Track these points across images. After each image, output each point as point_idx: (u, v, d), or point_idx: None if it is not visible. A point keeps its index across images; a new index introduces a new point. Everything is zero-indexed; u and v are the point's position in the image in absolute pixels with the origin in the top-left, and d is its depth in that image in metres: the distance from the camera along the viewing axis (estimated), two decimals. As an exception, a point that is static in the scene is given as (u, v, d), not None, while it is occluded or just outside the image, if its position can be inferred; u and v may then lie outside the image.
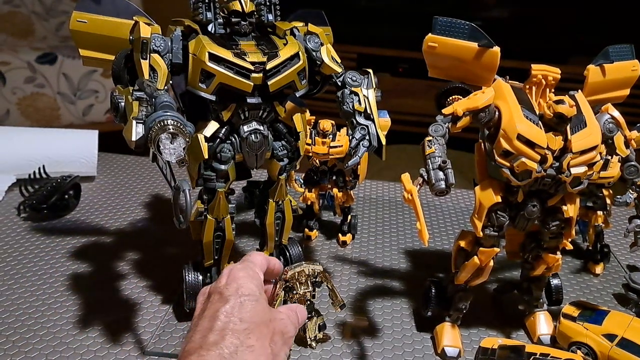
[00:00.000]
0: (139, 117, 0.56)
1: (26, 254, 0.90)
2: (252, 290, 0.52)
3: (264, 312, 0.52)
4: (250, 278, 0.54)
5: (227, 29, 0.68)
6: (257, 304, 0.51)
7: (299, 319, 0.58)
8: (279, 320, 0.53)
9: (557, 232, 0.69)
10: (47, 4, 2.50)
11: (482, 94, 0.65)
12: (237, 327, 0.48)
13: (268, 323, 0.51)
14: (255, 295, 0.52)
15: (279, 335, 0.52)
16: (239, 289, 0.52)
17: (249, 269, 0.55)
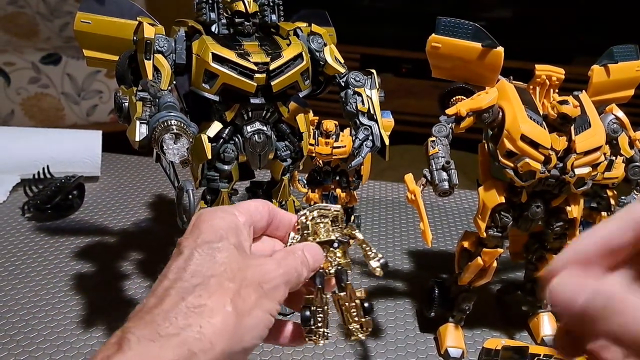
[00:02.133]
0: (143, 118, 0.56)
1: (30, 254, 0.90)
2: (216, 235, 0.39)
3: (231, 261, 0.37)
4: (218, 220, 0.40)
5: (230, 30, 0.68)
6: (221, 251, 0.38)
7: (306, 261, 0.42)
8: (255, 267, 0.38)
9: (561, 232, 0.69)
10: (51, 5, 2.50)
11: (486, 95, 0.65)
12: (184, 284, 0.36)
13: (235, 273, 0.37)
14: (218, 240, 0.38)
15: (253, 287, 0.37)
16: (199, 236, 0.39)
17: (221, 211, 0.41)
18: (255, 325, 0.36)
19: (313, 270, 0.43)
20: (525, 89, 0.67)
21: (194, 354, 0.33)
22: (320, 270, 0.43)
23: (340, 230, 0.45)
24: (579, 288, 0.29)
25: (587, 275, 0.29)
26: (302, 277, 0.41)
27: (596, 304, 0.28)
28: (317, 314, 0.42)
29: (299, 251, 0.42)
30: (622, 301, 0.27)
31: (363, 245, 0.46)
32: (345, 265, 0.45)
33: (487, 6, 2.88)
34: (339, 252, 0.45)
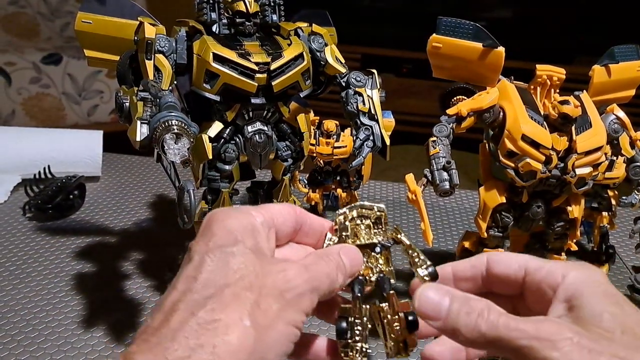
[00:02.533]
0: (144, 118, 0.56)
1: (31, 254, 0.90)
2: (230, 237, 0.34)
3: (248, 267, 0.32)
4: (232, 220, 0.35)
5: (231, 30, 0.68)
6: (236, 256, 0.33)
7: (342, 265, 0.37)
8: (276, 274, 0.33)
9: (562, 233, 0.69)
10: (52, 5, 2.51)
11: (487, 95, 0.65)
12: (195, 296, 0.31)
13: (253, 281, 0.32)
14: (232, 244, 0.33)
15: (274, 296, 0.32)
16: (211, 239, 0.34)
17: (236, 211, 0.36)
18: (278, 340, 0.32)
19: (351, 276, 0.38)
20: (526, 89, 0.67)
21: None
22: (359, 277, 0.38)
23: (384, 233, 0.40)
24: (442, 292, 0.34)
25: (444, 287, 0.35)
26: (337, 284, 0.36)
27: (454, 304, 0.33)
28: (355, 327, 0.37)
29: (334, 254, 0.37)
30: (477, 300, 0.33)
31: (409, 251, 0.39)
32: (388, 272, 0.39)
33: (487, 6, 2.89)
34: (381, 258, 0.40)
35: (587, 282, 0.33)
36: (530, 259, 0.37)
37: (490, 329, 0.31)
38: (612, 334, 0.30)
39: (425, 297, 0.34)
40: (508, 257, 0.37)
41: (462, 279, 0.38)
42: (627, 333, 0.30)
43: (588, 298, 0.32)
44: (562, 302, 0.33)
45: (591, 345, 0.29)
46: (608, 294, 0.32)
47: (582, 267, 0.34)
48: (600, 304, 0.31)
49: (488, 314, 0.32)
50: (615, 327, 0.30)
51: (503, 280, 0.37)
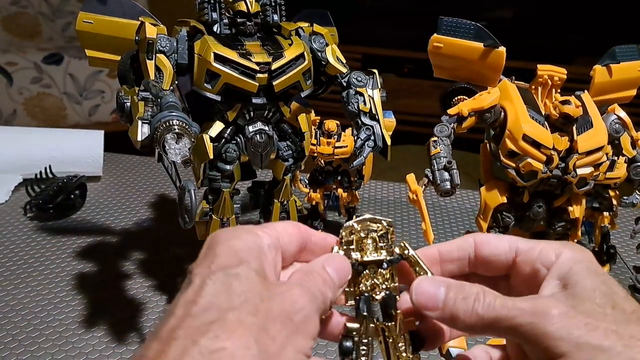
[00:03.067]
0: (145, 117, 0.56)
1: (32, 254, 0.90)
2: (234, 258, 0.32)
3: (252, 290, 0.30)
4: (236, 240, 0.33)
5: (232, 30, 0.68)
6: (240, 279, 0.31)
7: (329, 279, 0.35)
8: (281, 296, 0.31)
9: (563, 233, 0.69)
10: (53, 5, 2.51)
11: (488, 94, 0.64)
12: (195, 322, 0.29)
13: (258, 305, 0.30)
14: (236, 265, 0.31)
15: (281, 321, 0.30)
16: (214, 261, 0.32)
17: (241, 230, 0.34)
18: None
19: (340, 287, 0.36)
20: (527, 89, 0.67)
21: None
22: (365, 294, 0.37)
23: (390, 248, 0.38)
24: (437, 282, 0.35)
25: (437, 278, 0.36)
26: (328, 300, 0.34)
27: (450, 292, 0.34)
28: (361, 346, 0.36)
29: (319, 269, 0.35)
30: (470, 286, 0.34)
31: (416, 268, 0.38)
32: (393, 289, 0.38)
33: (489, 6, 2.88)
34: (387, 274, 0.38)
35: (579, 261, 0.34)
36: (519, 239, 0.37)
37: (488, 311, 0.32)
38: (604, 309, 0.31)
39: (421, 288, 0.35)
40: (496, 237, 0.38)
41: (448, 261, 0.38)
42: (617, 308, 0.31)
43: (581, 276, 0.33)
44: (555, 279, 0.34)
45: (586, 319, 0.30)
46: (598, 273, 0.34)
47: (573, 247, 0.35)
48: (592, 281, 0.33)
49: (484, 298, 0.32)
50: (606, 303, 0.31)
51: (491, 261, 0.37)
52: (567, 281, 0.33)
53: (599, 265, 0.34)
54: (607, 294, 0.32)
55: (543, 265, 0.35)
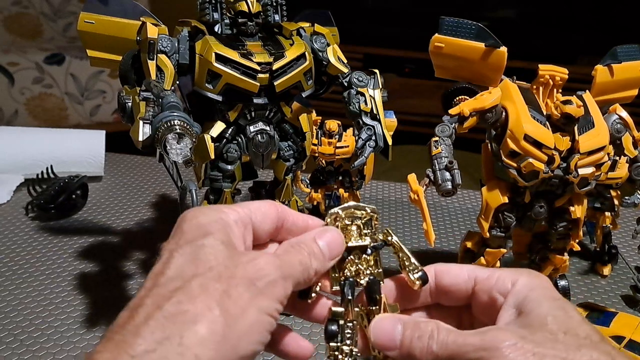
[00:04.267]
0: (146, 118, 0.56)
1: (34, 254, 0.90)
2: (200, 232, 0.33)
3: (218, 259, 0.32)
4: (202, 217, 0.34)
5: (233, 30, 0.68)
6: (205, 248, 0.32)
7: (317, 251, 0.36)
8: (246, 264, 0.32)
9: (565, 233, 0.69)
10: (55, 5, 2.51)
11: (489, 94, 0.64)
12: (161, 290, 0.30)
13: (222, 272, 0.31)
14: (202, 237, 0.33)
15: (244, 285, 0.31)
16: (181, 237, 0.34)
17: (207, 209, 0.36)
18: (250, 328, 0.30)
19: (331, 259, 0.37)
20: (528, 89, 0.67)
21: None
22: (350, 279, 0.38)
23: (374, 235, 0.39)
24: (394, 320, 0.35)
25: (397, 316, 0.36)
26: (311, 270, 0.35)
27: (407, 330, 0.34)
28: (346, 330, 0.37)
29: (308, 241, 0.36)
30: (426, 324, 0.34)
31: (400, 254, 0.39)
32: (378, 275, 0.39)
33: (490, 6, 2.88)
34: (371, 260, 0.39)
35: (534, 288, 0.34)
36: (478, 268, 0.38)
37: (442, 349, 0.32)
38: (555, 336, 0.31)
39: (379, 328, 0.35)
40: (456, 267, 0.38)
41: (409, 290, 0.39)
42: (569, 333, 0.31)
43: (535, 303, 0.33)
44: (512, 307, 0.34)
45: (535, 348, 0.30)
46: (554, 299, 0.34)
47: (530, 274, 0.36)
48: (546, 308, 0.33)
49: (438, 334, 0.33)
50: (559, 329, 0.32)
51: (451, 291, 0.38)
52: (522, 309, 0.33)
53: (555, 290, 0.35)
54: (561, 320, 0.32)
55: (500, 294, 0.35)
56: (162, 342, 0.28)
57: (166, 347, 0.28)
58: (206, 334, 0.29)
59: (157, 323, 0.29)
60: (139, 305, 0.30)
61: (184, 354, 0.28)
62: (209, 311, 0.29)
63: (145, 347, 0.28)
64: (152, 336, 0.28)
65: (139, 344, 0.28)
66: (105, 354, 0.28)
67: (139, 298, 0.31)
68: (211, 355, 0.28)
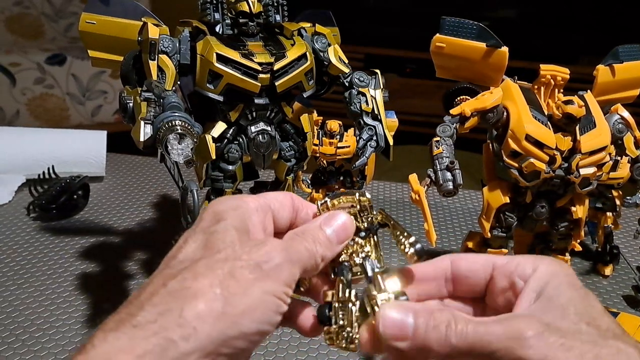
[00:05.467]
0: (147, 118, 0.56)
1: (35, 254, 0.90)
2: (215, 218, 0.34)
3: (227, 243, 0.33)
4: (220, 205, 0.35)
5: (234, 30, 0.68)
6: (217, 234, 0.33)
7: (323, 237, 0.36)
8: (254, 247, 0.33)
9: (566, 233, 0.69)
10: (56, 6, 2.52)
11: (490, 94, 0.64)
12: (170, 270, 0.32)
13: (229, 255, 0.33)
14: (216, 223, 0.34)
15: (249, 268, 0.32)
16: (198, 225, 0.35)
17: (227, 197, 0.37)
18: (253, 306, 0.31)
19: (339, 244, 0.37)
20: (529, 89, 0.67)
21: (173, 342, 0.28)
22: (345, 263, 0.38)
23: (370, 219, 0.39)
24: (404, 309, 0.33)
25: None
26: (318, 257, 0.35)
27: (419, 320, 0.32)
28: (339, 311, 0.36)
29: (313, 228, 0.36)
30: (440, 312, 0.32)
31: (394, 231, 0.38)
32: (376, 257, 0.38)
33: (491, 6, 2.88)
34: (367, 244, 0.38)
35: (557, 274, 0.33)
36: (495, 256, 0.37)
37: (462, 340, 0.31)
38: (579, 326, 0.30)
39: (388, 318, 0.32)
40: (473, 255, 0.38)
41: (424, 280, 0.37)
42: (592, 324, 0.31)
43: (557, 290, 0.32)
44: (533, 292, 0.33)
45: (561, 339, 0.29)
46: (575, 287, 0.33)
47: (552, 260, 0.35)
48: (568, 295, 0.32)
49: (455, 325, 0.31)
50: (581, 319, 0.31)
51: (468, 277, 0.37)
52: (544, 295, 0.33)
53: (577, 279, 0.34)
54: (583, 309, 0.31)
55: (520, 278, 0.34)
56: (164, 313, 0.29)
57: (166, 318, 0.29)
58: (205, 309, 0.29)
59: (161, 297, 0.30)
60: (148, 283, 0.32)
61: (183, 325, 0.29)
62: (210, 288, 0.30)
63: (147, 318, 0.29)
64: (155, 309, 0.30)
65: (142, 315, 0.30)
66: (110, 324, 0.30)
67: (150, 279, 0.32)
68: (209, 328, 0.29)
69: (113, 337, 0.29)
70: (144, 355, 0.28)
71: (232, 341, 0.30)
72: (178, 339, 0.28)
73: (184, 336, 0.29)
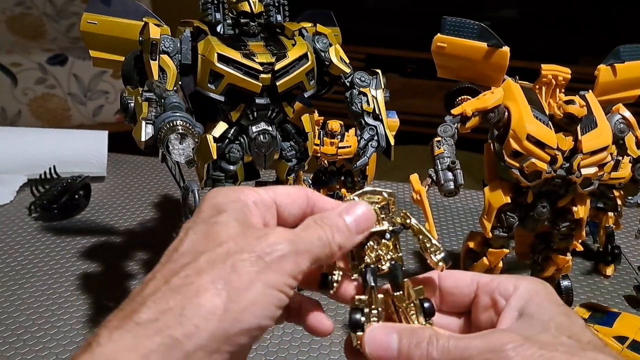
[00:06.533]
0: (149, 118, 0.56)
1: (37, 254, 0.91)
2: (215, 210, 0.34)
3: (229, 235, 0.32)
4: (220, 196, 0.35)
5: (235, 30, 0.68)
6: (218, 225, 0.32)
7: (342, 225, 0.35)
8: (256, 239, 0.32)
9: (567, 233, 0.69)
10: (57, 6, 2.52)
11: (492, 94, 0.64)
12: (172, 266, 0.32)
13: (232, 247, 0.32)
14: (216, 215, 0.33)
15: (251, 260, 0.31)
16: (199, 216, 0.34)
17: (227, 189, 0.36)
18: (255, 301, 0.30)
19: (359, 234, 0.36)
20: (531, 89, 0.67)
21: (177, 341, 0.28)
22: (371, 266, 0.37)
23: (392, 219, 0.38)
24: (387, 329, 0.34)
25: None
26: (334, 246, 0.34)
27: (404, 339, 0.33)
28: (371, 317, 0.35)
29: (333, 216, 0.35)
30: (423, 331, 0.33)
31: (420, 236, 0.38)
32: (398, 259, 0.38)
33: (492, 5, 2.88)
34: (391, 245, 0.38)
35: (538, 293, 0.34)
36: (480, 274, 0.38)
37: (443, 354, 0.31)
38: (559, 339, 0.31)
39: (373, 340, 0.34)
40: (460, 272, 0.38)
41: None
42: (573, 338, 0.31)
43: (538, 307, 0.33)
44: (514, 310, 0.34)
45: (541, 350, 0.30)
46: (557, 304, 0.33)
47: (533, 280, 0.36)
48: (549, 312, 0.33)
49: (437, 341, 0.32)
50: (562, 333, 0.31)
51: (454, 294, 0.38)
52: (525, 312, 0.33)
53: (557, 297, 0.34)
54: (564, 324, 0.32)
55: (502, 296, 0.35)
56: (165, 312, 0.29)
57: (168, 316, 0.29)
58: (207, 307, 0.29)
59: (163, 295, 0.30)
60: (151, 279, 0.32)
61: (184, 323, 0.29)
62: (212, 285, 0.30)
63: (150, 315, 0.29)
64: (157, 306, 0.29)
65: (144, 312, 0.29)
66: (114, 322, 0.30)
67: (152, 273, 0.32)
68: (211, 326, 0.29)
69: (118, 335, 0.29)
70: (149, 354, 0.28)
71: (234, 338, 0.30)
72: (181, 338, 0.28)
73: (187, 334, 0.28)
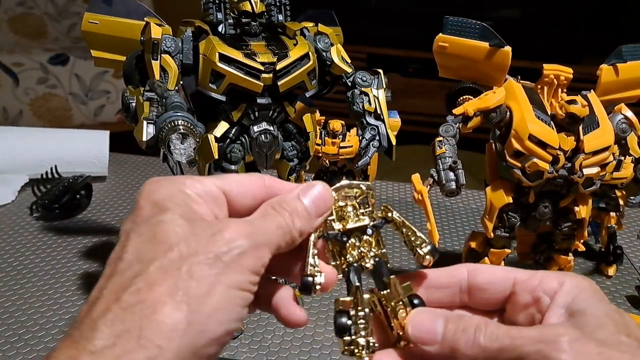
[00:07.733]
0: (150, 118, 0.56)
1: (38, 253, 0.91)
2: (156, 207, 0.30)
3: (178, 235, 0.29)
4: (158, 190, 0.31)
5: (237, 30, 0.68)
6: (164, 225, 0.29)
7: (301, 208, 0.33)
8: (210, 237, 0.29)
9: (569, 233, 0.69)
10: (59, 6, 2.52)
11: (493, 94, 0.64)
12: (120, 278, 0.28)
13: (183, 250, 0.29)
14: (159, 213, 0.30)
15: (209, 263, 0.28)
16: (138, 214, 0.31)
17: (165, 180, 0.32)
18: (219, 307, 0.28)
19: (318, 217, 0.34)
20: (533, 89, 0.67)
21: None
22: (354, 264, 0.35)
23: (372, 213, 0.36)
24: (435, 314, 0.32)
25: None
26: (295, 232, 0.32)
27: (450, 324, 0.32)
28: (358, 320, 0.33)
29: (291, 199, 0.33)
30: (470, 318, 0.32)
31: (404, 230, 0.36)
32: (382, 255, 0.36)
33: (494, 5, 2.87)
34: (373, 241, 0.36)
35: (584, 288, 0.32)
36: (515, 269, 0.35)
37: (492, 341, 0.30)
38: (618, 337, 0.29)
39: (418, 322, 0.32)
40: (491, 267, 0.36)
41: (435, 286, 0.36)
42: (631, 337, 0.29)
43: (589, 303, 0.31)
44: (561, 307, 0.31)
45: (599, 348, 0.28)
46: (606, 301, 0.32)
47: (576, 275, 0.34)
48: (602, 309, 0.31)
49: (486, 327, 0.30)
50: (619, 331, 0.29)
51: (486, 290, 0.35)
52: (575, 309, 0.31)
53: (603, 294, 0.33)
54: (620, 322, 0.30)
55: (546, 293, 0.32)
56: (122, 335, 0.26)
57: (126, 340, 0.26)
58: (168, 323, 0.26)
59: (115, 315, 0.27)
60: (97, 297, 0.28)
61: (146, 345, 0.26)
62: (170, 297, 0.27)
63: (105, 342, 0.26)
64: (111, 330, 0.26)
65: (98, 338, 0.26)
66: (65, 351, 0.27)
67: (98, 289, 0.29)
68: (175, 344, 0.26)
69: None
70: None
71: (202, 350, 0.28)
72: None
73: (151, 358, 0.26)
